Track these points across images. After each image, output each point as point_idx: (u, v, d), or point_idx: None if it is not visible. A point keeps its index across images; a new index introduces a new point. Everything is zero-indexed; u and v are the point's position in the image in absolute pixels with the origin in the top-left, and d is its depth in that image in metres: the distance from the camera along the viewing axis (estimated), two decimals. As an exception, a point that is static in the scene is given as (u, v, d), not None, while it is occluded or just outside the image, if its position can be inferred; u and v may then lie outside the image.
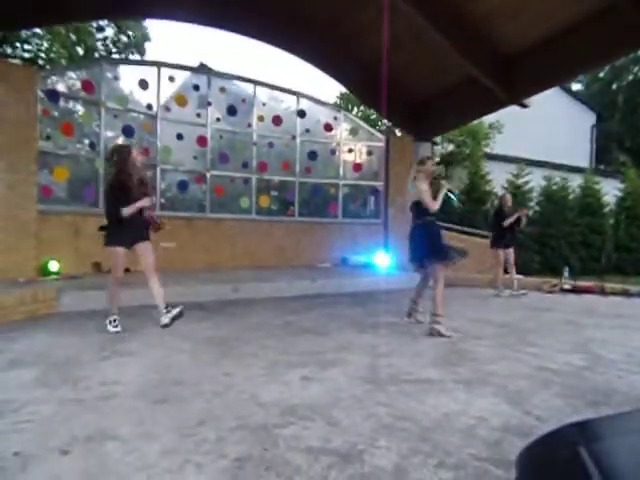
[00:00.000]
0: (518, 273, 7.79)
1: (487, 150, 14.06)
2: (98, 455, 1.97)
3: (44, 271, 6.47)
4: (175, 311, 4.41)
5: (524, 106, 8.86)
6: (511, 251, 7.53)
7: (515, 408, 2.58)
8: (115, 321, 4.24)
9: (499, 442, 2.15)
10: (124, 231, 4.19)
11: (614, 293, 7.76)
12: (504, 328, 4.86)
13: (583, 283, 8.30)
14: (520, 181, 13.06)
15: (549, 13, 6.95)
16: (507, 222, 7.39)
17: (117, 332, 4.18)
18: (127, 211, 4.12)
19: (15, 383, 2.82)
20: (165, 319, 4.37)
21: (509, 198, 7.84)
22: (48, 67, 11.26)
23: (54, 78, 7.31)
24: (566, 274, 8.69)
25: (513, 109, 9.15)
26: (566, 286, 8.18)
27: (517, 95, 8.31)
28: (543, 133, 16.55)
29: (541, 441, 1.49)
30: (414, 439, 2.17)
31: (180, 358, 3.45)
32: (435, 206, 4.49)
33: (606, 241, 12.73)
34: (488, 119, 13.21)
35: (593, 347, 4.06)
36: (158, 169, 8.39)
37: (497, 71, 8.01)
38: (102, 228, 4.32)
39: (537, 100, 9.30)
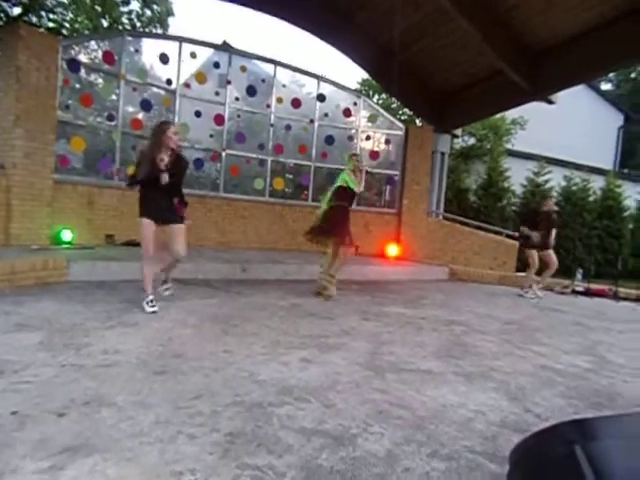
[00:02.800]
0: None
1: (508, 146, 13.79)
2: (93, 420, 1.99)
3: (57, 240, 6.55)
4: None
5: (550, 102, 8.67)
6: (550, 252, 7.10)
7: (515, 405, 2.55)
8: (152, 302, 4.03)
9: (495, 437, 2.12)
10: (150, 205, 4.06)
11: (627, 298, 7.61)
12: (511, 325, 4.80)
13: (596, 286, 8.15)
14: (540, 179, 12.81)
15: (579, 9, 6.74)
16: (535, 235, 6.94)
17: (154, 312, 3.95)
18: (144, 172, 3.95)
19: (19, 345, 2.86)
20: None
21: (551, 204, 7.28)
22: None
23: (76, 48, 7.31)
24: (579, 276, 8.54)
25: (537, 105, 8.94)
26: (578, 288, 8.04)
27: (543, 90, 8.12)
28: (567, 131, 16.14)
29: (537, 436, 1.45)
30: (409, 427, 2.14)
31: (183, 332, 3.47)
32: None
33: (623, 246, 12.48)
34: (511, 114, 12.93)
35: (600, 350, 3.99)
36: (174, 145, 8.39)
37: (524, 64, 7.81)
38: None
39: (563, 97, 9.08)
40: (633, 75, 25.92)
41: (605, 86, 25.86)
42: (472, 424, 2.24)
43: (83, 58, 7.44)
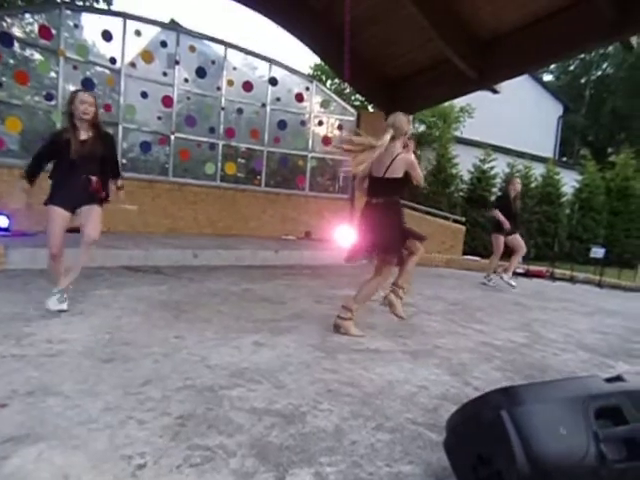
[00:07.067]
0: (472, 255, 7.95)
1: (457, 133, 14.24)
2: (38, 409, 1.94)
3: (-8, 226, 6.18)
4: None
5: (494, 92, 8.99)
6: (517, 237, 6.98)
7: (456, 379, 2.71)
8: (58, 294, 3.46)
9: (436, 408, 2.26)
10: (62, 188, 3.48)
11: (562, 279, 8.16)
12: (455, 306, 5.04)
13: (535, 268, 8.66)
14: (485, 166, 13.34)
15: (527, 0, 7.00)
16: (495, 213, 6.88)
17: (61, 310, 3.41)
18: None
19: (-46, 337, 2.72)
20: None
21: (518, 182, 7.21)
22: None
23: (8, 20, 6.83)
24: (519, 259, 9.02)
25: (484, 94, 9.27)
26: (519, 270, 8.51)
27: (488, 79, 8.40)
28: (511, 120, 16.87)
29: (469, 405, 1.59)
30: (356, 404, 2.24)
31: (132, 319, 3.41)
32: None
33: (559, 229, 13.29)
34: (459, 102, 13.33)
35: (535, 327, 4.28)
36: (120, 127, 8.07)
37: (471, 53, 8.05)
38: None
39: (508, 88, 9.45)
40: (572, 68, 27.30)
41: (547, 77, 27.11)
42: (415, 398, 2.37)
43: (17, 32, 6.97)
